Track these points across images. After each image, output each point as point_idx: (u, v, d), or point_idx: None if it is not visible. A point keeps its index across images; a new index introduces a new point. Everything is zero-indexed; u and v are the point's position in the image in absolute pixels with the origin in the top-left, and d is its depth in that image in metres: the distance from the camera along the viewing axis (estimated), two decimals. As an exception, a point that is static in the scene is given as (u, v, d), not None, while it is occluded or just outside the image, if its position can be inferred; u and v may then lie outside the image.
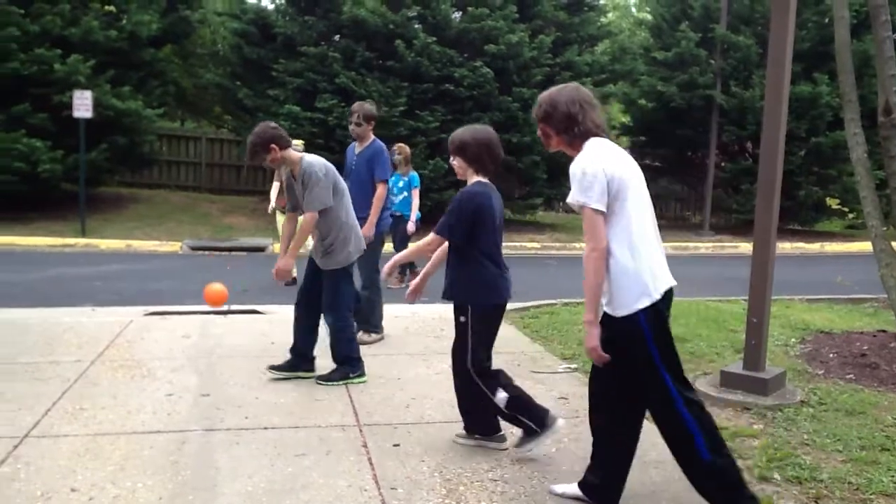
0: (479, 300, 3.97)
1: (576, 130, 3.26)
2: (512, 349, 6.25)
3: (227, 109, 19.61)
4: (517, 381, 5.27)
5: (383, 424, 4.44)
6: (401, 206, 9.52)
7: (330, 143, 14.80)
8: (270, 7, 17.63)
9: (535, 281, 11.09)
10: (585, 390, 5.07)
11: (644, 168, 13.61)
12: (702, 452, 3.19)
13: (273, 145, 4.97)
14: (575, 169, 3.17)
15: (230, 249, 13.43)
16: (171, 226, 15.16)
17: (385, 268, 4.30)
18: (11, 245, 12.80)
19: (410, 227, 9.55)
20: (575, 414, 4.70)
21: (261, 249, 13.42)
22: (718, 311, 7.61)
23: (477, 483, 3.70)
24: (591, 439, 4.25)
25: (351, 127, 6.46)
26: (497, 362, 5.77)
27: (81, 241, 13.13)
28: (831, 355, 6.00)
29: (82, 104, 13.43)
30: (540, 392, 5.10)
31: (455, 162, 4.04)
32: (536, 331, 6.91)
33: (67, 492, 3.46)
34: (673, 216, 21.27)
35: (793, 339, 6.55)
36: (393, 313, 7.63)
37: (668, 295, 3.25)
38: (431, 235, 4.00)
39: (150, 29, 15.33)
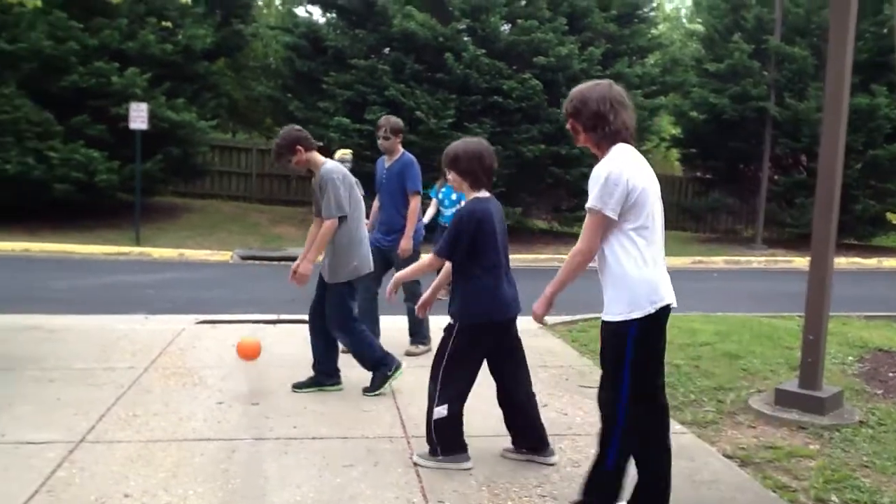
0: (473, 318, 3.92)
1: (605, 130, 3.24)
2: (560, 363, 6.20)
3: (278, 121, 19.86)
4: (564, 396, 5.26)
5: (431, 437, 4.42)
6: (450, 219, 9.50)
7: (377, 154, 14.85)
8: (322, 21, 17.86)
9: (582, 294, 10.97)
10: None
11: (695, 181, 13.57)
12: (609, 458, 3.30)
13: (298, 146, 5.00)
14: (599, 172, 3.17)
15: (279, 259, 13.57)
16: (223, 235, 15.40)
17: (388, 287, 4.26)
18: (69, 252, 13.13)
19: None
20: (625, 430, 4.61)
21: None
22: (773, 327, 7.44)
23: (525, 498, 3.67)
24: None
25: (379, 141, 6.42)
26: (544, 376, 5.76)
27: (136, 249, 13.41)
28: (891, 374, 5.83)
29: (138, 116, 13.75)
30: (588, 407, 5.03)
31: (450, 176, 4.03)
32: (585, 344, 6.83)
33: (121, 497, 3.52)
34: (724, 230, 20.91)
35: (850, 358, 6.37)
36: (441, 325, 7.62)
37: (666, 311, 3.24)
38: (431, 255, 4.01)
39: (204, 43, 15.64)
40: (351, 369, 5.51)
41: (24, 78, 14.00)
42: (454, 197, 9.50)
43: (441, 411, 3.95)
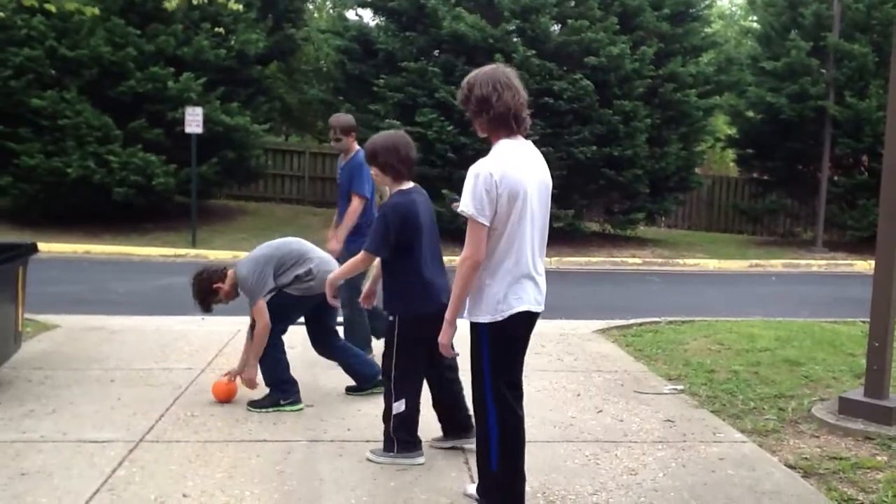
0: (406, 311, 3.94)
1: (490, 114, 3.18)
2: (614, 368, 6.11)
3: (330, 124, 20.06)
4: (620, 402, 5.18)
5: (485, 441, 4.39)
6: None
7: (430, 156, 14.90)
8: (372, 24, 17.95)
9: (636, 298, 10.86)
10: (693, 413, 4.96)
11: (751, 182, 13.27)
12: (491, 460, 3.31)
13: (215, 286, 4.96)
14: (469, 174, 3.14)
15: (332, 261, 13.69)
16: (276, 237, 15.57)
17: (327, 291, 4.24)
18: (128, 254, 13.43)
19: None
20: (682, 438, 4.52)
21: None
22: (835, 333, 7.23)
23: (581, 506, 3.62)
24: (699, 465, 4.11)
25: (332, 143, 6.10)
26: (599, 381, 5.69)
27: (192, 251, 13.64)
28: (962, 383, 5.60)
29: (194, 120, 13.98)
30: (644, 413, 4.96)
31: (372, 171, 4.05)
32: (640, 349, 6.73)
33: (179, 497, 3.57)
34: (782, 232, 20.43)
35: (918, 365, 6.15)
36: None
37: (524, 315, 3.25)
38: (362, 253, 4.01)
39: (257, 47, 15.85)
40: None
41: (85, 84, 14.35)
42: None
43: (399, 406, 3.97)
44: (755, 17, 21.31)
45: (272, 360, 4.89)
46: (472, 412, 3.98)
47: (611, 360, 6.35)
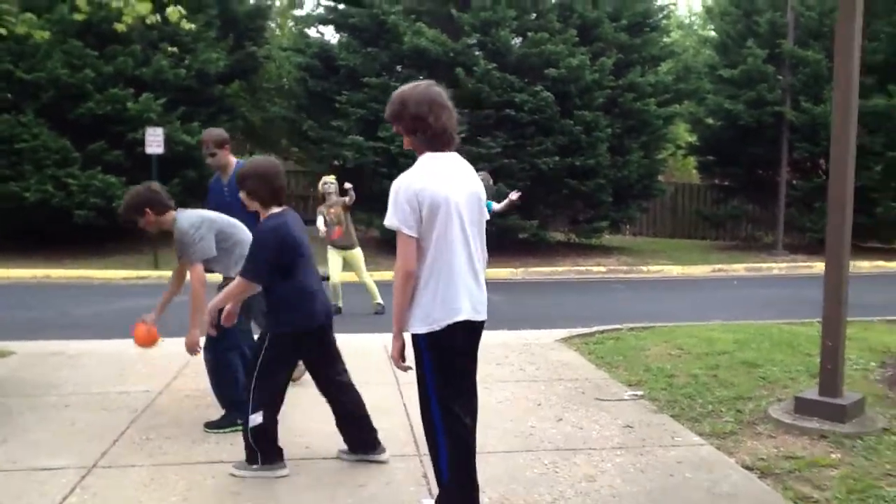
0: (281, 327, 3.96)
1: (427, 133, 3.20)
2: (576, 376, 6.13)
3: (294, 141, 20.00)
4: (580, 409, 5.20)
5: (444, 454, 4.38)
6: None
7: (393, 171, 14.88)
8: (334, 41, 17.98)
9: (601, 306, 10.92)
10: (652, 418, 4.99)
11: (713, 188, 13.43)
12: (443, 472, 3.31)
13: (147, 209, 4.67)
14: (392, 188, 3.17)
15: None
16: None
17: (206, 317, 4.23)
18: (89, 278, 13.24)
19: None
20: (642, 443, 4.55)
21: (325, 279, 13.55)
22: (793, 334, 7.33)
23: (539, 515, 3.62)
24: (657, 470, 4.13)
25: (207, 160, 5.65)
26: (560, 389, 5.70)
27: (154, 273, 13.48)
28: (915, 379, 5.70)
29: (154, 140, 13.86)
30: (604, 420, 4.98)
31: (241, 195, 4.06)
32: (601, 357, 6.76)
33: (132, 522, 3.51)
34: (745, 237, 20.72)
35: (873, 363, 6.25)
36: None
37: (463, 325, 3.24)
38: (239, 279, 4.00)
39: (217, 66, 15.78)
40: (370, 387, 5.50)
41: (42, 106, 14.19)
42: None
43: (256, 419, 3.96)
44: (712, 27, 21.66)
45: (229, 380, 4.83)
46: (374, 430, 4.18)
47: (572, 369, 6.38)
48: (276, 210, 4.03)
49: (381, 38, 15.99)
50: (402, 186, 3.14)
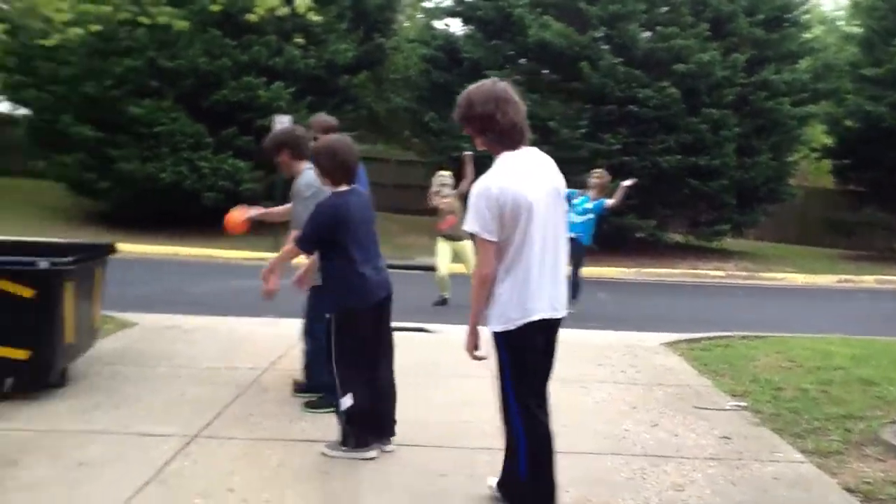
0: (338, 305, 4.09)
1: (496, 130, 3.19)
2: (677, 382, 5.96)
3: (415, 132, 20.29)
4: (677, 416, 5.05)
5: (530, 451, 4.36)
6: (579, 227, 9.28)
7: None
8: (459, 33, 18.10)
9: (713, 311, 10.57)
10: (752, 430, 4.80)
11: (847, 194, 12.65)
12: (521, 469, 3.32)
13: (285, 149, 4.95)
14: (472, 192, 3.21)
15: (406, 268, 13.80)
16: (358, 243, 15.86)
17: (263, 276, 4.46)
18: (214, 257, 13.91)
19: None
20: (738, 456, 4.38)
21: (434, 269, 13.70)
22: (921, 353, 6.86)
23: (619, 520, 3.56)
24: (750, 484, 3.98)
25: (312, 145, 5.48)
26: (659, 394, 5.56)
27: (273, 254, 13.97)
28: None
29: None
30: (701, 429, 4.83)
31: (315, 171, 4.26)
32: (706, 364, 6.53)
33: (224, 491, 3.69)
34: (879, 247, 19.46)
35: None
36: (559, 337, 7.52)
37: (540, 324, 3.27)
38: (290, 244, 4.28)
39: (346, 57, 16.20)
40: (468, 380, 5.55)
41: (181, 93, 14.99)
42: (589, 206, 9.30)
43: (346, 402, 4.06)
44: (857, 22, 20.41)
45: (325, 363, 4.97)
46: (394, 422, 4.24)
47: (674, 374, 6.21)
48: (343, 188, 4.15)
49: (507, 30, 15.98)
50: (483, 190, 3.16)
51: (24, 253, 5.16)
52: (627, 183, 9.12)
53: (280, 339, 6.74)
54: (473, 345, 3.39)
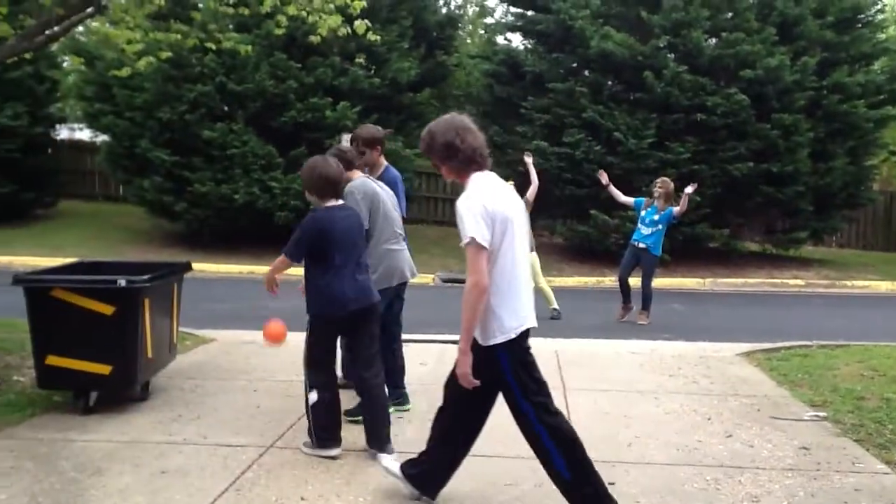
0: (316, 311, 4.39)
1: (458, 156, 3.41)
2: (753, 392, 5.83)
3: (480, 147, 20.37)
4: (753, 427, 4.93)
5: (601, 461, 4.27)
6: (649, 238, 9.23)
7: (578, 176, 14.83)
8: (520, 47, 18.12)
9: (792, 321, 10.27)
10: (833, 441, 4.67)
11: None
12: (563, 473, 3.41)
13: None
14: (465, 204, 3.33)
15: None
16: (425, 258, 15.93)
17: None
18: (288, 275, 14.16)
19: None
20: (816, 467, 4.26)
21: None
22: None
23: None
24: (830, 496, 3.86)
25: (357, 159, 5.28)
26: (734, 405, 5.45)
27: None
28: None
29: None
30: (778, 439, 4.71)
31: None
32: (784, 374, 6.37)
33: (297, 499, 3.79)
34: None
35: None
36: (630, 349, 7.46)
37: (526, 333, 3.45)
38: (282, 255, 4.50)
39: (409, 75, 16.38)
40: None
41: (250, 115, 15.38)
42: (656, 218, 9.21)
43: (312, 397, 4.34)
44: (937, 20, 19.68)
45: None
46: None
47: (750, 385, 6.06)
48: (331, 203, 4.43)
49: (568, 42, 15.92)
50: (474, 204, 3.31)
51: (104, 272, 5.39)
52: (689, 189, 9.04)
53: (350, 353, 6.83)
54: (467, 366, 3.38)
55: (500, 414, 5.03)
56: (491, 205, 3.31)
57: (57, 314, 4.92)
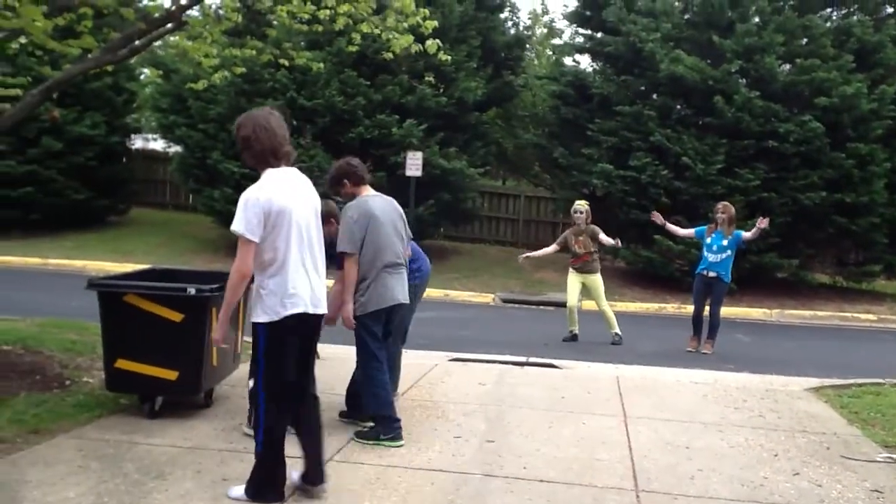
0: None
1: (252, 150, 3.78)
2: (822, 430, 5.63)
3: (545, 168, 20.29)
4: (822, 466, 4.76)
5: (662, 493, 4.23)
6: (718, 266, 8.98)
7: (643, 201, 14.62)
8: (588, 69, 18.05)
9: (863, 357, 9.93)
10: (905, 485, 4.45)
11: None
12: (258, 442, 3.86)
13: (344, 180, 5.07)
14: (243, 197, 3.70)
15: (539, 303, 13.77)
16: (486, 278, 15.93)
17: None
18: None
19: None
20: (891, 511, 4.09)
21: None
22: None
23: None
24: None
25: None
26: (802, 442, 5.28)
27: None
28: None
29: (414, 164, 14.76)
30: (849, 480, 4.53)
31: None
32: (856, 412, 6.14)
33: (355, 515, 3.77)
34: None
35: None
36: (692, 379, 7.30)
37: (297, 318, 3.77)
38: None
39: (476, 95, 16.44)
40: (594, 417, 5.46)
41: (319, 130, 15.64)
42: (724, 244, 8.96)
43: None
44: None
45: (371, 395, 4.94)
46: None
47: (819, 421, 5.86)
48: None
49: (637, 65, 15.79)
50: (250, 198, 3.68)
51: (174, 280, 5.51)
52: (764, 224, 8.76)
53: (411, 370, 6.83)
54: (222, 334, 3.88)
55: (563, 441, 4.98)
56: (267, 199, 3.67)
57: (128, 319, 5.04)
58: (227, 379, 5.81)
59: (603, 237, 9.33)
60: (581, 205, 9.60)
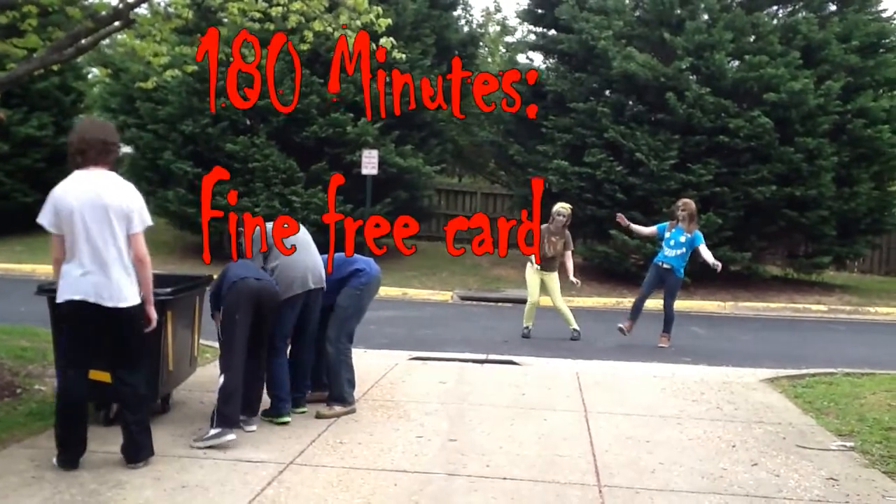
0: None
1: (69, 153, 4.27)
2: (778, 420, 5.74)
3: (501, 165, 20.36)
4: (779, 456, 4.85)
5: (625, 487, 4.26)
6: (673, 259, 9.18)
7: (598, 197, 14.77)
8: (542, 66, 18.14)
9: (815, 347, 10.13)
10: (861, 472, 4.59)
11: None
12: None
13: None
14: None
15: (497, 301, 13.80)
16: (445, 276, 15.93)
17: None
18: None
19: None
20: (845, 499, 4.18)
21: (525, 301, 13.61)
22: None
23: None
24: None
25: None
26: (759, 432, 5.37)
27: (398, 290, 14.08)
28: None
29: (369, 162, 14.69)
30: (805, 469, 4.62)
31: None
32: (809, 401, 6.27)
33: (318, 519, 3.72)
34: None
35: None
36: (651, 372, 7.38)
37: (76, 304, 4.14)
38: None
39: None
40: (556, 413, 5.48)
41: (273, 130, 15.46)
42: (682, 240, 9.14)
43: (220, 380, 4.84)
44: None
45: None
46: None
47: (775, 412, 5.97)
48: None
49: (590, 63, 15.91)
50: (50, 195, 4.17)
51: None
52: (717, 268, 9.21)
53: (371, 370, 6.82)
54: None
55: (525, 438, 4.99)
56: (60, 197, 4.13)
57: (80, 325, 4.90)
58: (185, 383, 5.71)
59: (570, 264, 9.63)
60: (565, 208, 9.59)
